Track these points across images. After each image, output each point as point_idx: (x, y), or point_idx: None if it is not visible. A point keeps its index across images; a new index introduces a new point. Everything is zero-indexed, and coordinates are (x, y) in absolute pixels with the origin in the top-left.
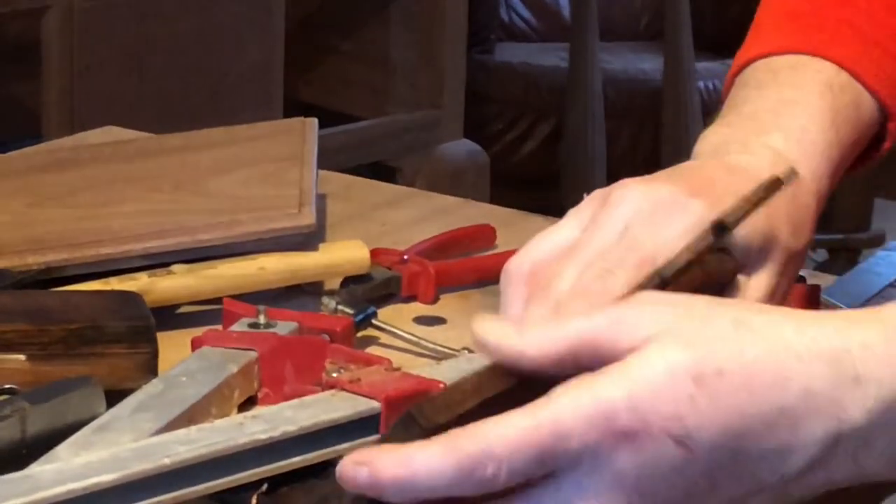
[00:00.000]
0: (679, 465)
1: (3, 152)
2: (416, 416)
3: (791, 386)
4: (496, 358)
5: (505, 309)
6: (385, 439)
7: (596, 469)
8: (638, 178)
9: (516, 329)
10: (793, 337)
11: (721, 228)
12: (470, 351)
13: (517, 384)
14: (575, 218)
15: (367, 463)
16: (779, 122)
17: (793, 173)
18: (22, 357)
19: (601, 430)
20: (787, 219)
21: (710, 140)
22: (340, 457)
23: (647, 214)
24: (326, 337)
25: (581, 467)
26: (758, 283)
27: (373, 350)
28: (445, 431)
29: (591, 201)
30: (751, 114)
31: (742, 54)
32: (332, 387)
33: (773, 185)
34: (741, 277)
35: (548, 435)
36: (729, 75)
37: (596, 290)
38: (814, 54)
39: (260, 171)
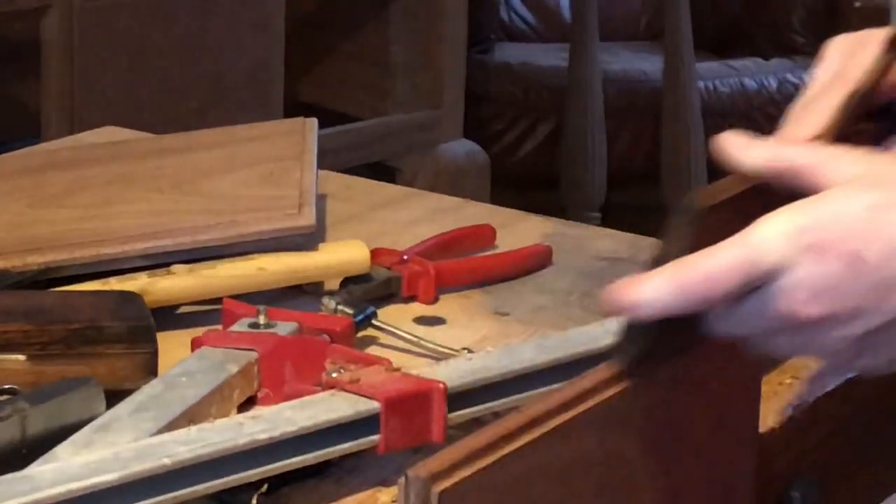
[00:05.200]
0: (853, 278)
1: (3, 152)
2: (688, 202)
3: None
4: (728, 163)
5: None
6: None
7: (789, 278)
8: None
9: (748, 144)
10: None
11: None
12: (470, 351)
13: (755, 187)
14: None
15: (614, 291)
16: None
17: None
18: (22, 357)
19: (792, 245)
20: None
21: None
22: (340, 457)
23: (844, 53)
24: (326, 337)
25: (779, 279)
26: None
27: (373, 350)
28: (715, 218)
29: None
30: None
31: None
32: (332, 387)
33: None
34: None
35: (748, 259)
36: None
37: (807, 112)
38: None
39: (260, 171)
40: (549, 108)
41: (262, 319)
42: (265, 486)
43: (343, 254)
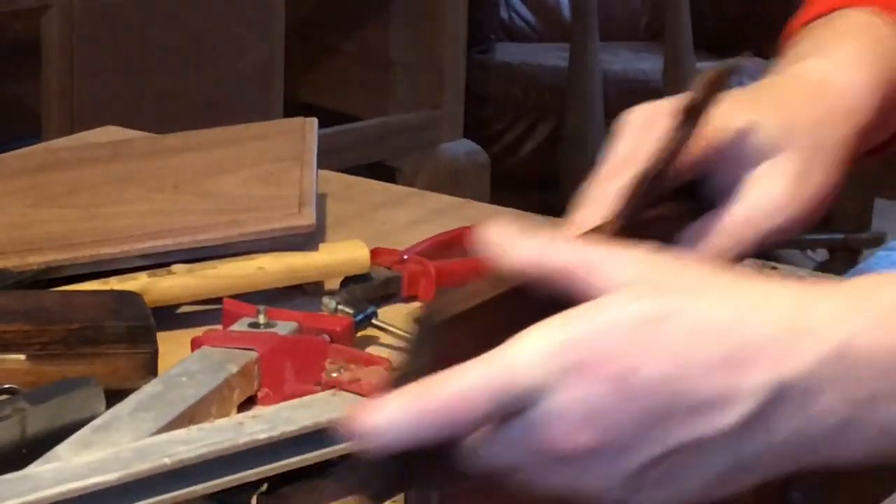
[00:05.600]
0: (620, 403)
1: (3, 152)
2: (420, 319)
3: (738, 332)
4: (491, 258)
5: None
6: (402, 359)
7: (551, 403)
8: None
9: (515, 238)
10: (752, 288)
11: (689, 112)
12: None
13: (512, 290)
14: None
15: (350, 417)
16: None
17: (737, 63)
18: (22, 357)
19: (552, 364)
20: (808, 114)
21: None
22: (340, 457)
23: (639, 128)
24: (326, 337)
25: (540, 403)
26: (777, 169)
27: (373, 350)
28: (467, 327)
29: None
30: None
31: (790, 25)
32: (332, 387)
33: (721, 74)
34: (763, 167)
35: (500, 380)
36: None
37: (596, 197)
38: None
39: (260, 171)
40: (549, 108)
41: (262, 319)
42: (265, 486)
43: (343, 254)
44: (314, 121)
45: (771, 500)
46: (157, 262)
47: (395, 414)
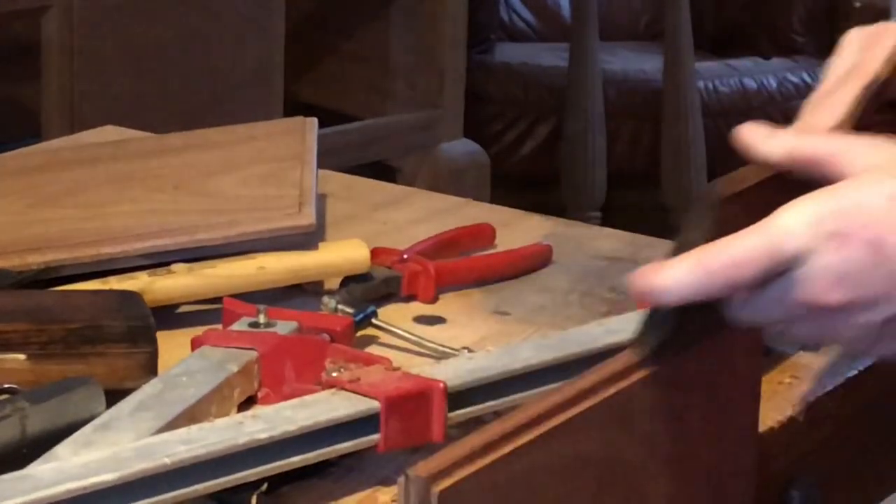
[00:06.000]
0: (872, 265)
1: (3, 152)
2: (709, 190)
3: None
4: (748, 153)
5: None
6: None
7: (811, 265)
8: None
9: (769, 134)
10: None
11: None
12: (470, 350)
13: (775, 177)
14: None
15: (639, 277)
16: None
17: None
18: (22, 357)
19: (812, 233)
20: None
21: None
22: (340, 457)
23: (860, 46)
24: (326, 337)
25: (801, 266)
26: None
27: (373, 350)
28: (735, 207)
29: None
30: None
31: None
32: (332, 386)
33: None
34: None
35: (771, 245)
36: None
37: (824, 104)
38: None
39: (260, 171)
40: (549, 108)
41: (262, 319)
42: (265, 486)
43: (343, 253)
44: (314, 121)
45: (771, 500)
46: (157, 261)
47: (680, 274)
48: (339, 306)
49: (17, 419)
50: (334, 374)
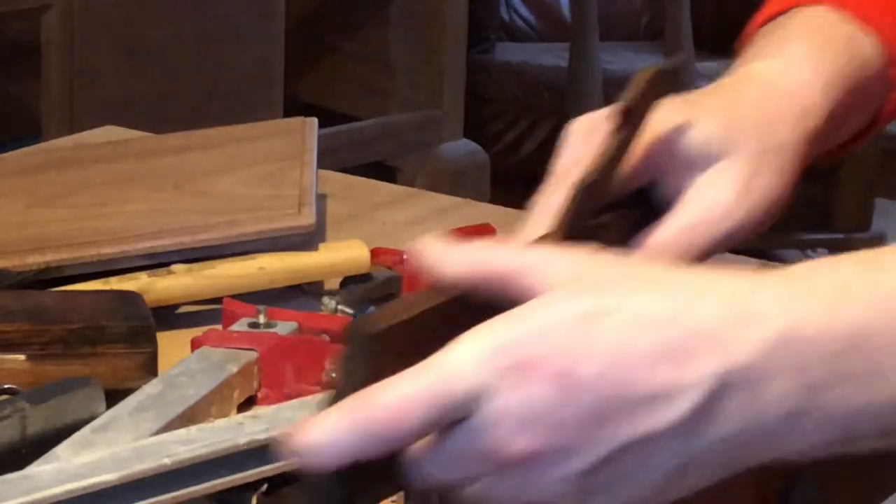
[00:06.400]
0: (560, 403)
1: (3, 152)
2: (363, 323)
3: (678, 323)
4: (425, 271)
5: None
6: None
7: (489, 409)
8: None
9: (450, 249)
10: (692, 279)
11: (625, 114)
12: None
13: (453, 300)
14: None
15: (290, 435)
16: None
17: (678, 60)
18: (22, 357)
19: (486, 370)
20: (755, 116)
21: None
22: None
23: (581, 137)
24: (326, 337)
25: (479, 410)
26: (722, 173)
27: None
28: (401, 340)
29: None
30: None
31: (748, 26)
32: (331, 387)
33: (657, 75)
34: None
35: (436, 387)
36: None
37: (540, 208)
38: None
39: (260, 171)
40: (549, 108)
41: (261, 319)
42: (265, 486)
43: (343, 254)
44: (314, 121)
45: (771, 500)
46: (157, 262)
47: (331, 430)
48: (339, 307)
49: (17, 419)
50: (334, 375)
